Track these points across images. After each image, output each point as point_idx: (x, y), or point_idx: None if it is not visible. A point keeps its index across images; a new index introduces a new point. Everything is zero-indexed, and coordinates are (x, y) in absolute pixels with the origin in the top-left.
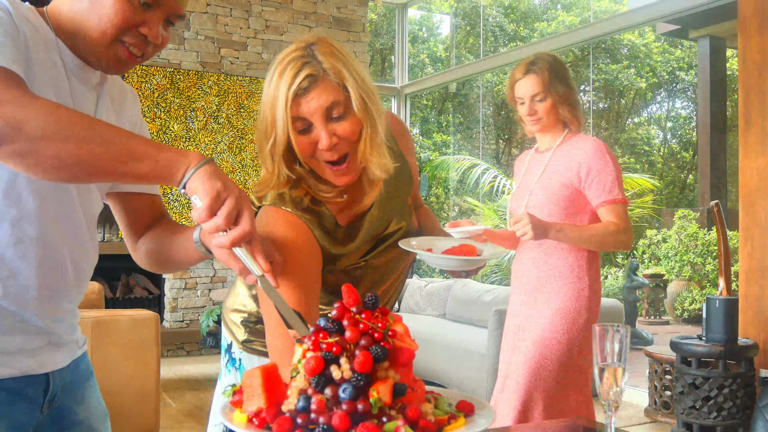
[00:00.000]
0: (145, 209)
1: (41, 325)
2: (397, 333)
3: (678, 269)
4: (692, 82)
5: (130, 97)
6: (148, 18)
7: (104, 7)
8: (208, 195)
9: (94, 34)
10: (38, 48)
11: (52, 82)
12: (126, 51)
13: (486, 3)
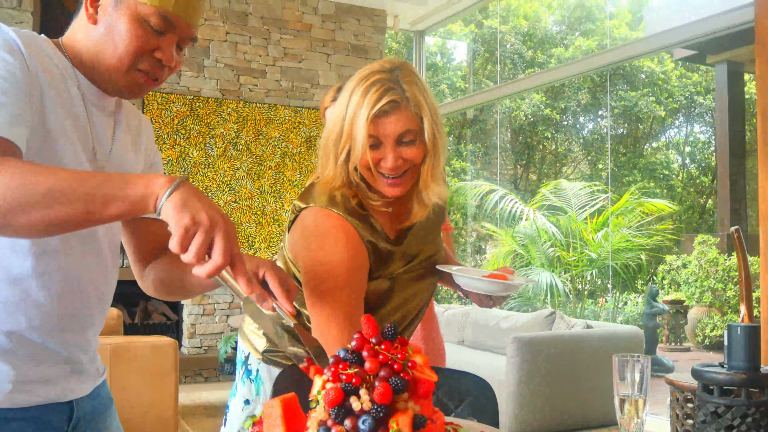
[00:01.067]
0: (156, 234)
1: (65, 354)
2: (417, 364)
3: (698, 295)
4: (710, 107)
5: (144, 125)
6: (161, 43)
7: (119, 35)
8: (177, 231)
9: (111, 62)
10: (54, 80)
11: (70, 112)
12: (143, 76)
13: (504, 30)
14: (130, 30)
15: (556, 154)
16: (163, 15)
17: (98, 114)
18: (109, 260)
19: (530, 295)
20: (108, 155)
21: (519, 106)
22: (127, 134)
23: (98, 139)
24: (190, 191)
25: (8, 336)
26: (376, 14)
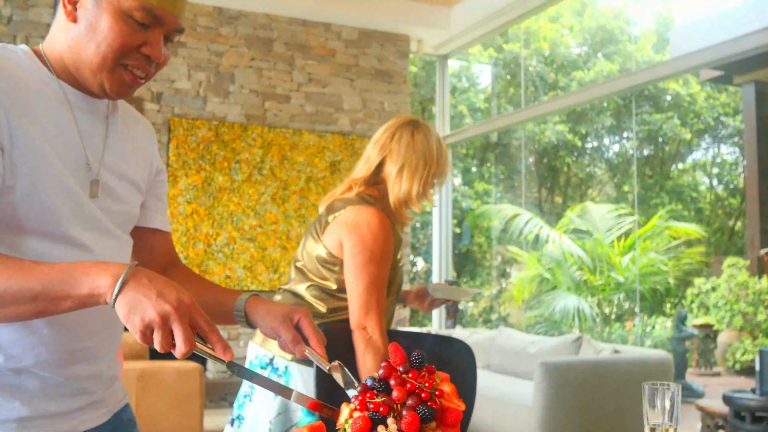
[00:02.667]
0: (159, 248)
1: (78, 387)
2: (444, 393)
3: (728, 319)
4: (738, 128)
5: (144, 129)
6: (148, 37)
7: (102, 32)
8: (135, 333)
9: (95, 60)
10: (29, 94)
11: (54, 120)
12: (129, 74)
13: (526, 54)
14: (113, 26)
15: (581, 177)
16: (147, 9)
17: (88, 119)
18: None
19: (557, 319)
20: (101, 162)
21: (543, 130)
22: (123, 139)
23: (90, 146)
24: (135, 288)
25: (17, 373)
26: (399, 39)
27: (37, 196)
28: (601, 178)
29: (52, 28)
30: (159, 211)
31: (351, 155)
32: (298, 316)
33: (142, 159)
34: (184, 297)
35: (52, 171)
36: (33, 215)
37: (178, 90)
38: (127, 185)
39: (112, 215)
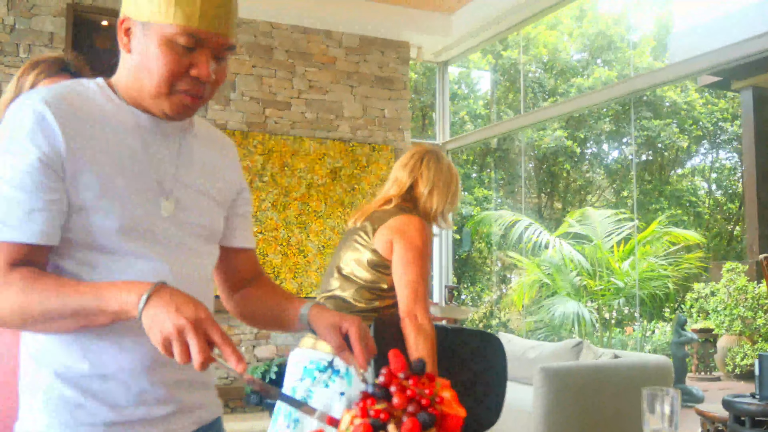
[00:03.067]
0: (242, 264)
1: (164, 393)
2: (445, 399)
3: (728, 323)
4: (736, 133)
5: (224, 149)
6: (195, 60)
7: (151, 60)
8: (157, 345)
9: (151, 89)
10: (102, 120)
11: (123, 145)
12: (185, 97)
13: (525, 60)
14: (160, 54)
15: (580, 183)
16: (189, 33)
17: (160, 141)
18: (201, 292)
19: (557, 325)
20: (174, 180)
21: (542, 136)
22: (200, 156)
23: (161, 170)
24: (157, 303)
25: (103, 379)
26: (399, 46)
27: (108, 215)
28: (601, 183)
29: (120, 59)
30: (241, 229)
31: (351, 162)
32: (347, 326)
33: (222, 176)
34: (201, 312)
35: (120, 192)
36: (104, 233)
37: None
38: (204, 199)
39: (188, 229)
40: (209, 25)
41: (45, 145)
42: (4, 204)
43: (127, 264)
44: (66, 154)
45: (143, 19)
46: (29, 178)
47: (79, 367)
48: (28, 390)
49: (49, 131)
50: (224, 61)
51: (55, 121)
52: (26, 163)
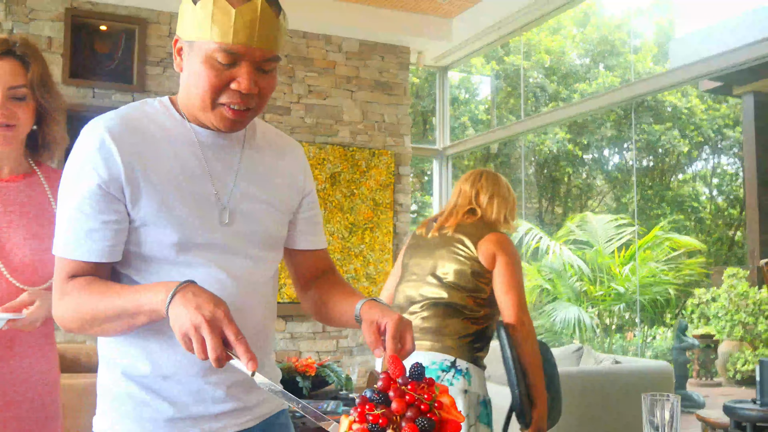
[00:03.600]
0: (309, 264)
1: (222, 393)
2: (444, 404)
3: (729, 329)
4: (738, 139)
5: (290, 155)
6: (235, 74)
7: (195, 76)
8: (179, 340)
9: (198, 104)
10: (163, 138)
11: (181, 160)
12: (227, 109)
13: (527, 66)
14: (201, 70)
15: (581, 188)
16: (226, 49)
17: (218, 154)
18: (260, 296)
19: (558, 330)
20: (232, 190)
21: (543, 141)
22: (260, 165)
23: (220, 182)
24: (180, 301)
25: (164, 379)
26: (400, 51)
27: (165, 230)
28: (602, 188)
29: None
30: (306, 231)
31: (351, 167)
32: (385, 322)
33: (285, 182)
34: (218, 311)
35: (177, 208)
36: (162, 246)
37: None
38: (264, 208)
39: (246, 237)
40: (244, 40)
41: (104, 171)
42: (67, 225)
43: (183, 273)
44: (124, 178)
45: (189, 38)
46: (88, 203)
47: (142, 368)
48: (101, 389)
49: (108, 157)
50: (269, 72)
51: (115, 146)
52: (87, 189)
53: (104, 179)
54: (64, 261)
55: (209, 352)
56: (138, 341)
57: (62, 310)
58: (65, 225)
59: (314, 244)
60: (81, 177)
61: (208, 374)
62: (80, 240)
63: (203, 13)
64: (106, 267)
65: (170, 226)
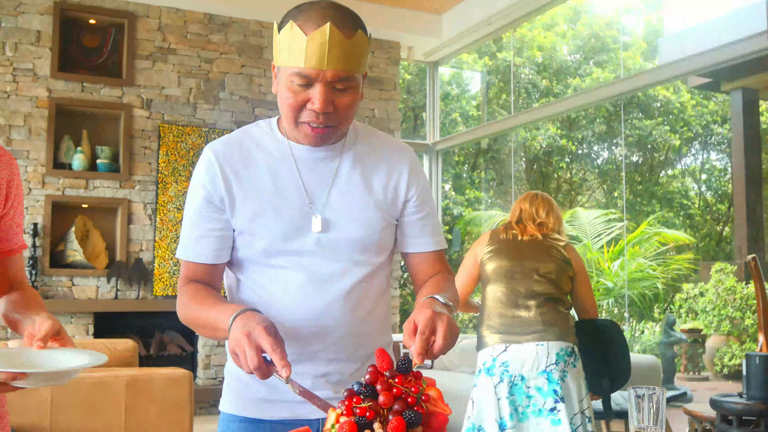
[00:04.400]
0: (420, 267)
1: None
2: (431, 397)
3: (716, 324)
4: (726, 136)
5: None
6: (310, 94)
7: (280, 97)
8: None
9: (287, 124)
10: (264, 157)
11: (278, 176)
12: (309, 128)
13: (518, 62)
14: (283, 92)
15: (571, 183)
16: (298, 73)
17: (313, 167)
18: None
19: None
20: (326, 204)
21: (534, 136)
22: (356, 177)
23: (313, 193)
24: (237, 324)
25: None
26: (390, 46)
27: (257, 238)
28: (591, 184)
29: None
30: (413, 235)
31: None
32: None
33: (384, 188)
34: (258, 327)
35: (269, 218)
36: (254, 251)
37: (168, 97)
38: (359, 214)
39: (337, 244)
40: (314, 63)
41: (210, 187)
42: (184, 232)
43: (272, 275)
44: (225, 193)
45: (277, 64)
46: (197, 214)
47: None
48: (226, 372)
49: (213, 175)
50: (345, 91)
51: (218, 166)
52: (197, 202)
53: (210, 193)
54: (182, 262)
55: (249, 363)
56: None
57: (178, 307)
58: (183, 233)
59: (421, 246)
60: (194, 192)
61: (297, 366)
62: (192, 245)
63: (284, 41)
64: (217, 268)
65: (260, 235)
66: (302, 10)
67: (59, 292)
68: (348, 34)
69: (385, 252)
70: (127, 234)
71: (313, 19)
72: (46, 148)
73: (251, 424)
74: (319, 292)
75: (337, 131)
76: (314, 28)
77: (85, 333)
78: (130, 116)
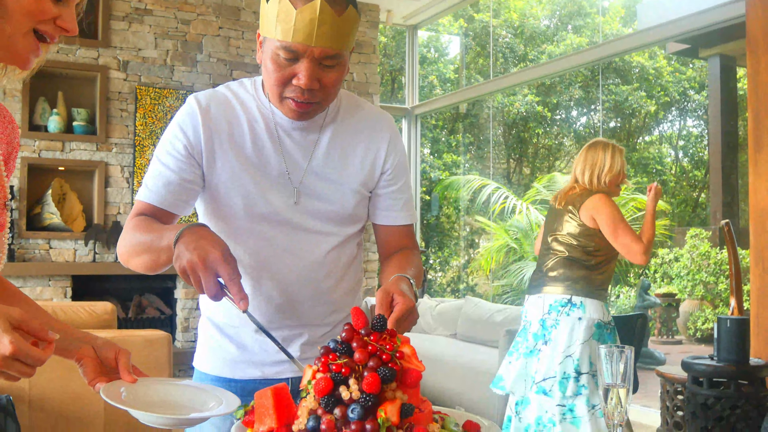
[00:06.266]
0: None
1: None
2: (405, 354)
3: (690, 288)
4: (703, 103)
5: (371, 133)
6: (296, 70)
7: (266, 70)
8: (180, 276)
9: (270, 96)
10: (246, 120)
11: (259, 142)
12: (293, 102)
13: (495, 24)
14: (269, 65)
15: (549, 148)
16: (285, 47)
17: (295, 136)
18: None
19: (524, 288)
20: (304, 174)
21: (512, 102)
22: (336, 149)
23: (293, 161)
24: (183, 241)
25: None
26: (369, 9)
27: (234, 197)
28: (569, 149)
29: None
30: (385, 208)
31: None
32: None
33: (361, 159)
34: (215, 252)
35: (247, 180)
36: (230, 210)
37: (145, 59)
38: (335, 187)
39: (313, 213)
40: (302, 39)
41: (191, 135)
42: (152, 173)
43: (246, 236)
44: (204, 145)
45: (263, 34)
46: (172, 159)
47: (219, 317)
48: (199, 330)
49: (196, 125)
50: (333, 67)
51: (200, 117)
52: (173, 147)
53: (189, 141)
54: (139, 203)
55: (205, 289)
56: None
57: (120, 241)
58: (150, 173)
59: (390, 219)
60: (171, 137)
61: (270, 328)
62: (159, 188)
63: (271, 12)
64: (173, 218)
65: (239, 196)
66: None
67: (36, 255)
68: (339, 11)
69: (358, 223)
70: (105, 197)
71: None
72: (21, 110)
73: (222, 383)
74: (291, 259)
75: (321, 108)
76: (305, 1)
77: (63, 296)
78: (107, 78)
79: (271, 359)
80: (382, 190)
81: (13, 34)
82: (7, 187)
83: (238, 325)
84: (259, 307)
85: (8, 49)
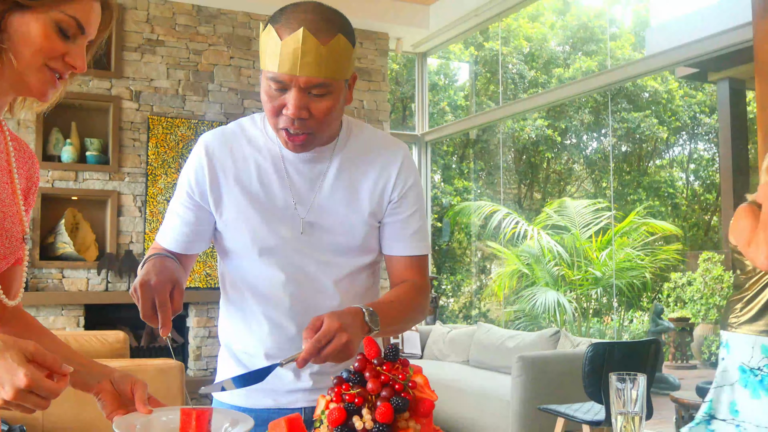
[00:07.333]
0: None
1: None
2: (418, 384)
3: (704, 312)
4: (714, 126)
5: (379, 164)
6: (286, 99)
7: (262, 102)
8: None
9: (270, 126)
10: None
11: (266, 176)
12: (285, 133)
13: (506, 52)
14: (263, 97)
15: (559, 173)
16: (273, 78)
17: (300, 168)
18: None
19: (536, 314)
20: (310, 206)
21: (522, 127)
22: (343, 180)
23: (300, 193)
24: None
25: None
26: (379, 37)
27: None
28: (580, 174)
29: None
30: (392, 238)
31: None
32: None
33: (371, 189)
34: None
35: (252, 215)
36: (237, 246)
37: (157, 89)
38: (342, 217)
39: (319, 244)
40: (287, 69)
41: (193, 181)
42: (167, 220)
43: (257, 270)
44: (210, 189)
45: (261, 67)
46: (183, 208)
47: (235, 344)
48: (218, 360)
49: (199, 170)
50: (322, 97)
51: (207, 160)
52: (181, 193)
53: (193, 188)
54: (158, 244)
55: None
56: (235, 323)
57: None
58: (165, 220)
59: (396, 250)
60: (180, 183)
61: (279, 355)
62: (167, 231)
63: (263, 44)
64: (187, 257)
65: (246, 230)
66: (284, 13)
67: (50, 285)
68: (324, 40)
69: (370, 254)
70: (117, 226)
71: (290, 24)
72: (35, 141)
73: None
74: (301, 289)
75: (316, 138)
76: (289, 33)
77: (75, 325)
78: (119, 108)
79: (285, 388)
80: (387, 218)
81: (25, 70)
82: (26, 221)
83: (253, 354)
84: (271, 337)
85: (22, 83)
